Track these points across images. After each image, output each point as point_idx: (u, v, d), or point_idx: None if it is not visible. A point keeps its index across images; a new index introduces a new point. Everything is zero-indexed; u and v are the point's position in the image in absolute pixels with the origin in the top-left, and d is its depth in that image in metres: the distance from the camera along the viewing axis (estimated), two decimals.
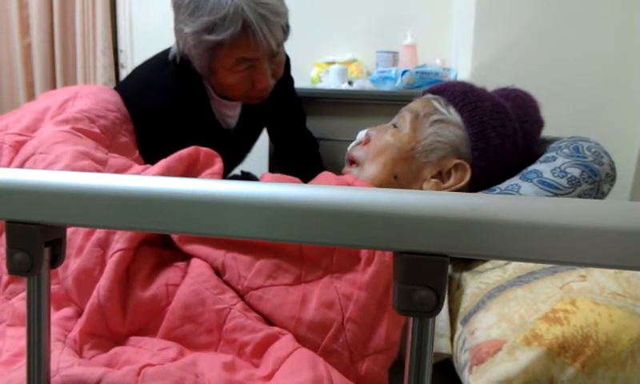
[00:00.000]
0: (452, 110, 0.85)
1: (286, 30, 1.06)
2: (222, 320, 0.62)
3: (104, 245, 0.66)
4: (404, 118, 0.87)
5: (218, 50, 0.96)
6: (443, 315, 0.65)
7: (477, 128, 0.82)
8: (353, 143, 0.94)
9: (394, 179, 0.82)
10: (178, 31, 1.01)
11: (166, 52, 1.11)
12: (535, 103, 0.91)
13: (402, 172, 0.83)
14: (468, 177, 0.81)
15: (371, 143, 0.87)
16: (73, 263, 0.66)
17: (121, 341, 0.64)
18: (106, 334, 0.63)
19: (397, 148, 0.83)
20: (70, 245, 0.67)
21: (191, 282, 0.65)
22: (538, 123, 0.91)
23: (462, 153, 0.83)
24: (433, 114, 0.85)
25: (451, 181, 0.82)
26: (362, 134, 0.93)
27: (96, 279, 0.64)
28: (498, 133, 0.82)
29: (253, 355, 0.60)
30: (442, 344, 0.63)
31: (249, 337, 0.60)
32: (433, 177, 0.83)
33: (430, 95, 0.90)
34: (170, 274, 0.67)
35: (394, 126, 0.87)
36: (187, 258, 0.70)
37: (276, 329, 0.62)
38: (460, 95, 0.85)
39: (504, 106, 0.86)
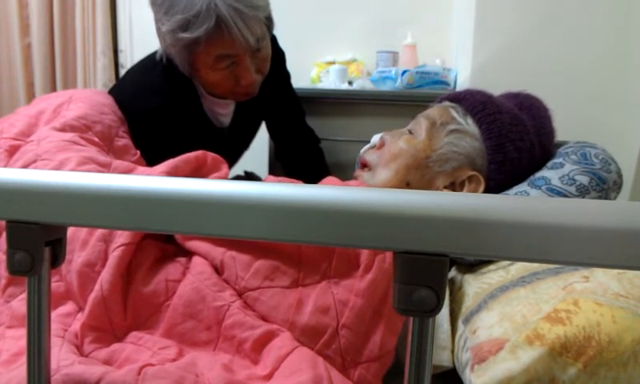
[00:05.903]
0: (470, 120, 0.84)
1: (268, 24, 1.04)
2: (221, 317, 0.62)
3: (107, 239, 0.67)
4: (420, 124, 0.85)
5: (195, 47, 0.95)
6: (445, 327, 0.65)
7: (495, 141, 0.81)
8: (366, 146, 0.92)
9: (405, 186, 0.81)
10: (157, 30, 1.00)
11: (155, 53, 1.11)
12: (548, 112, 0.90)
13: (415, 180, 0.82)
14: (481, 189, 0.80)
15: (385, 148, 0.86)
16: (77, 257, 0.67)
17: (122, 336, 0.64)
18: (107, 328, 0.63)
19: (411, 155, 0.82)
20: (74, 239, 0.67)
21: (192, 279, 0.65)
22: (552, 135, 0.89)
23: (477, 165, 0.82)
24: (450, 123, 0.83)
25: (464, 192, 0.81)
26: (376, 138, 0.91)
27: (98, 273, 0.65)
28: (517, 146, 0.81)
29: (251, 351, 0.60)
30: (443, 357, 0.63)
31: (247, 333, 0.61)
32: (445, 187, 0.82)
33: (447, 103, 0.89)
34: (170, 270, 0.67)
35: (410, 132, 0.86)
36: (189, 252, 0.70)
37: (274, 326, 0.62)
38: (479, 106, 0.84)
39: (522, 119, 0.84)
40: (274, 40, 1.17)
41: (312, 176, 1.19)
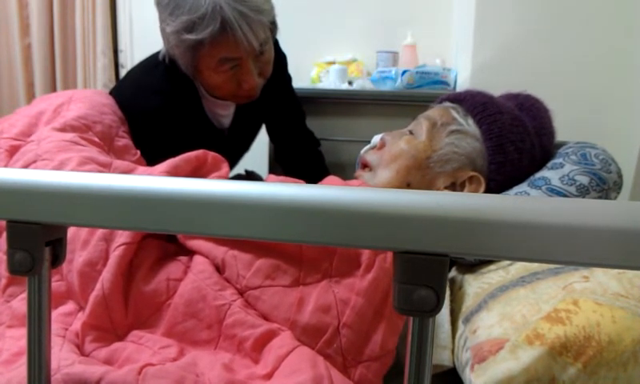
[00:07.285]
0: (470, 121, 0.84)
1: (272, 28, 1.04)
2: (221, 316, 0.62)
3: (108, 238, 0.67)
4: (421, 125, 0.85)
5: (199, 49, 0.95)
6: (445, 327, 0.65)
7: (495, 142, 0.81)
8: (366, 147, 0.92)
9: (406, 186, 0.82)
10: (161, 31, 1.00)
11: (157, 53, 1.11)
12: (548, 113, 0.90)
13: (415, 180, 0.82)
14: (482, 190, 0.81)
15: (385, 149, 0.86)
16: (78, 256, 0.67)
17: (123, 335, 0.64)
18: (108, 327, 0.64)
19: (412, 155, 0.82)
20: (75, 239, 0.67)
21: (193, 278, 0.65)
22: (553, 135, 0.89)
23: (478, 165, 0.82)
24: (450, 124, 0.83)
25: (465, 192, 0.81)
26: (376, 138, 0.91)
27: (99, 272, 0.65)
28: (517, 147, 0.81)
29: (252, 350, 0.60)
30: (444, 356, 0.63)
31: (248, 332, 0.61)
32: (446, 187, 0.82)
33: (448, 103, 0.89)
34: (171, 269, 0.67)
35: (410, 132, 0.86)
36: (190, 251, 0.70)
37: (275, 325, 0.62)
38: (479, 106, 0.84)
39: (523, 120, 0.84)
40: (275, 43, 1.17)
41: (311, 179, 1.19)
